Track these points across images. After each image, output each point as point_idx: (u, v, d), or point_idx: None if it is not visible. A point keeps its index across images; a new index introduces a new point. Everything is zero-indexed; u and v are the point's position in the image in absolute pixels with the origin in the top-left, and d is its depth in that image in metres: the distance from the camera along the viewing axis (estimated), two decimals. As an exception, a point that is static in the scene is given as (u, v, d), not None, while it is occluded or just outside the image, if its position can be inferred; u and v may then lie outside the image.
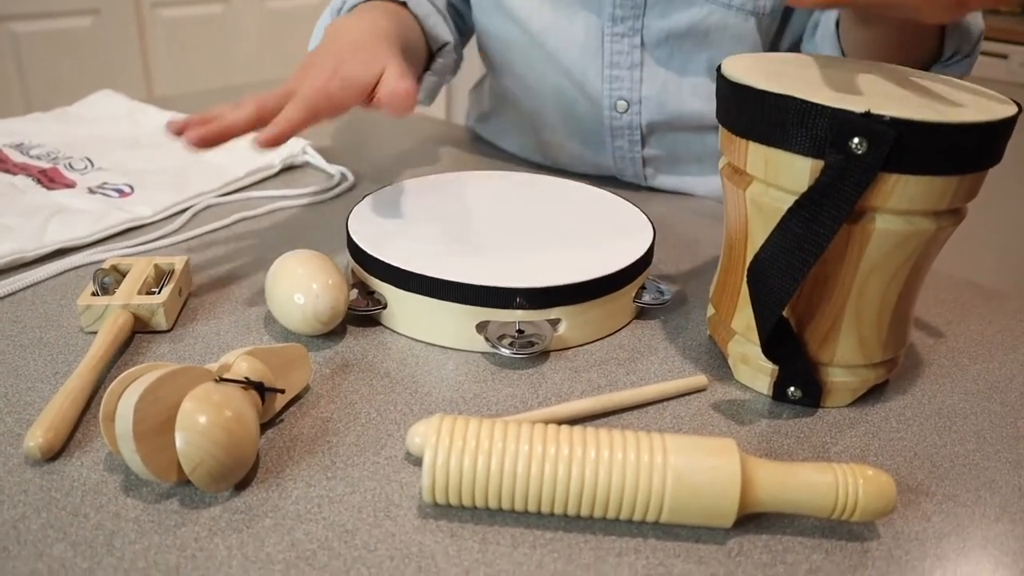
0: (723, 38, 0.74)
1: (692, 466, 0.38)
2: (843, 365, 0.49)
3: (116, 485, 0.40)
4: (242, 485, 0.41)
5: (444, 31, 0.80)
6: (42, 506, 0.39)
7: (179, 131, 0.55)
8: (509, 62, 0.84)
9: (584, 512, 0.39)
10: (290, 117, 0.55)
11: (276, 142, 0.54)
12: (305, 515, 0.39)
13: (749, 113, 0.45)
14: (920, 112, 0.41)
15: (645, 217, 0.62)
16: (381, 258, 0.54)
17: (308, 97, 0.57)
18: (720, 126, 0.49)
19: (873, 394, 0.51)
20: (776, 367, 0.49)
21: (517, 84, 0.85)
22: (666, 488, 0.38)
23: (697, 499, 0.38)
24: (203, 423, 0.38)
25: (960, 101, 0.44)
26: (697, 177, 0.84)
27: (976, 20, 0.67)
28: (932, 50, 0.67)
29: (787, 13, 0.77)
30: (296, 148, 0.84)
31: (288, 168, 0.84)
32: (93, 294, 0.54)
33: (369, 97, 0.60)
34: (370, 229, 0.58)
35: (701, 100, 0.78)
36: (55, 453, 0.42)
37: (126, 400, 0.38)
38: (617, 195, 0.67)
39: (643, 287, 0.58)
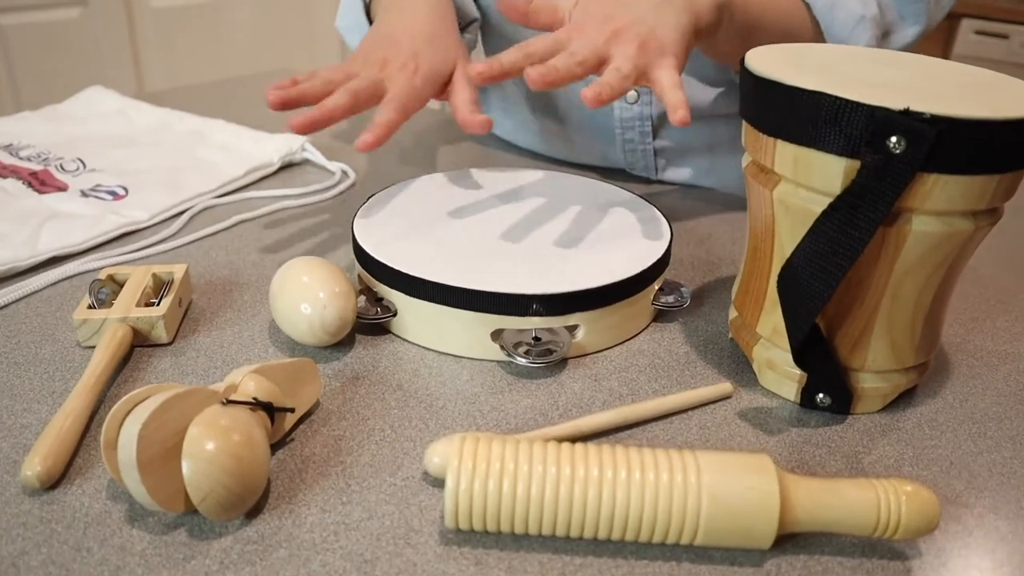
0: None
1: (728, 486, 0.36)
2: (874, 370, 0.47)
3: (120, 515, 0.38)
4: (253, 513, 0.39)
5: (472, 8, 0.78)
6: (42, 540, 0.37)
7: (281, 107, 0.56)
8: None
9: (615, 536, 0.37)
10: (389, 121, 0.57)
11: (377, 145, 0.56)
12: (321, 544, 0.37)
13: (777, 110, 0.43)
14: (960, 108, 0.38)
15: (660, 214, 0.60)
16: (390, 264, 0.51)
17: (401, 98, 0.59)
18: (744, 122, 0.47)
19: (903, 399, 0.49)
20: (804, 373, 0.47)
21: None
22: (701, 510, 0.36)
23: (734, 521, 0.36)
24: (211, 450, 0.36)
25: (997, 94, 0.42)
26: (708, 167, 0.82)
27: None
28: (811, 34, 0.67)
29: None
30: (295, 145, 0.81)
31: (287, 166, 0.81)
32: (89, 307, 0.51)
33: (441, 89, 0.63)
34: (377, 232, 0.55)
35: (710, 89, 0.76)
36: (54, 481, 0.40)
37: (129, 427, 0.36)
38: (630, 191, 0.65)
39: (661, 288, 0.56)
